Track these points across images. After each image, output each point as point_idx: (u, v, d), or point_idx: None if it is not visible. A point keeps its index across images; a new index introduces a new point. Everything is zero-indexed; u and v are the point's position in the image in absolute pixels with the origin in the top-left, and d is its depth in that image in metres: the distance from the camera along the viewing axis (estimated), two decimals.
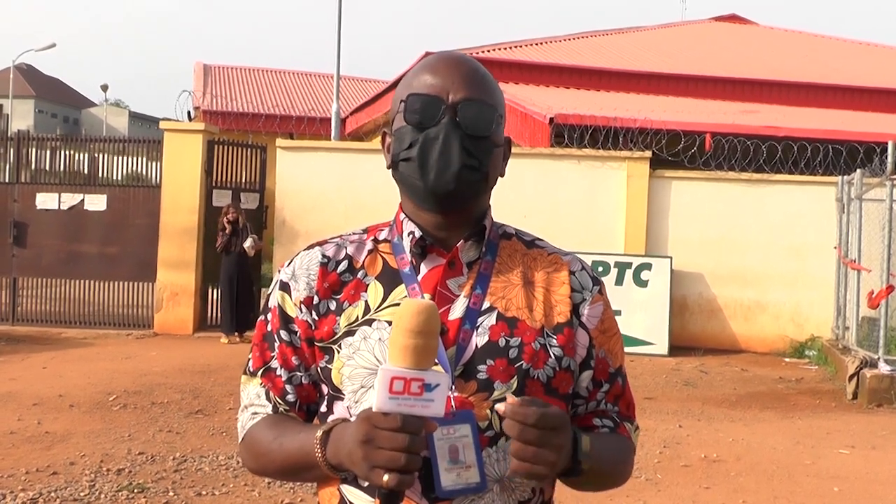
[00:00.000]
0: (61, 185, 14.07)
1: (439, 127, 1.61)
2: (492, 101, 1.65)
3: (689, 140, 13.84)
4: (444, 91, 1.62)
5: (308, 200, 13.93)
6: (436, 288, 1.64)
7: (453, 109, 1.61)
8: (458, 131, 1.61)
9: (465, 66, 1.66)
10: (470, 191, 1.64)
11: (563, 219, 13.54)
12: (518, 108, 16.29)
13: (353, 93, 33.53)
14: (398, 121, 1.67)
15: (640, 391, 10.10)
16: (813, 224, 13.65)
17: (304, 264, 1.71)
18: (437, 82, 1.63)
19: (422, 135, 1.62)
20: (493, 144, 1.66)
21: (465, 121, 1.62)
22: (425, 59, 1.71)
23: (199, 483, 6.39)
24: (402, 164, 1.65)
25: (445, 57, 1.69)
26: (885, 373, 10.11)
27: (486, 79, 1.68)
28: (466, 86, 1.63)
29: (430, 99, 1.62)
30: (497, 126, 1.66)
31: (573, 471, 1.55)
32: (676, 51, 24.35)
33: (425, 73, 1.65)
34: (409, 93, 1.64)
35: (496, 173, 1.70)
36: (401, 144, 1.65)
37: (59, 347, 12.22)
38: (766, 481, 6.90)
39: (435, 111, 1.62)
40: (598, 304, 1.72)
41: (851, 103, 21.89)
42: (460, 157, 1.60)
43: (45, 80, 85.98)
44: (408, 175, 1.64)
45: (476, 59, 1.73)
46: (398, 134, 1.66)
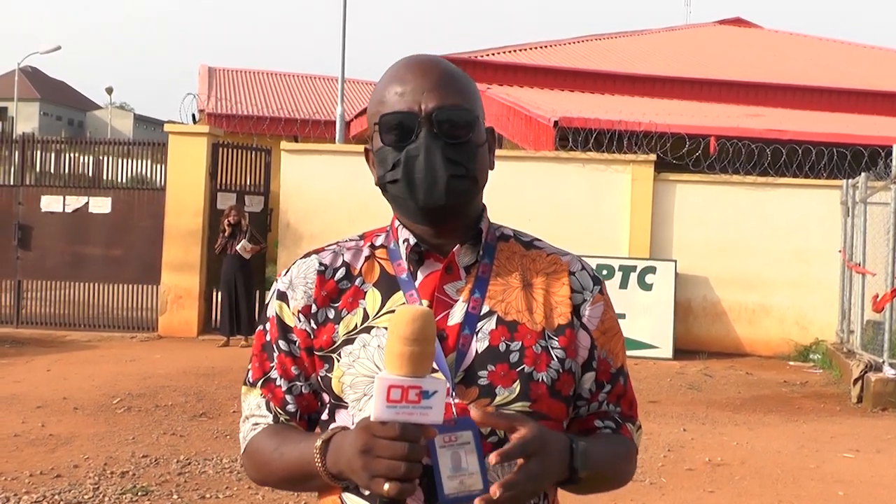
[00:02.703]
0: (66, 188, 14.09)
1: (418, 142, 1.58)
2: (466, 102, 1.62)
3: (693, 143, 13.84)
4: (416, 103, 1.58)
5: (312, 203, 13.93)
6: (433, 293, 1.62)
7: (428, 120, 1.58)
8: (437, 142, 1.58)
9: (434, 70, 1.62)
10: (462, 200, 1.62)
11: (568, 222, 13.53)
12: (522, 111, 16.28)
13: (358, 96, 33.52)
14: (376, 141, 1.64)
15: (645, 395, 10.10)
16: (817, 228, 13.63)
17: (301, 273, 1.69)
18: (408, 93, 1.59)
19: (402, 154, 1.59)
20: (475, 146, 1.63)
21: (443, 129, 1.58)
22: (391, 68, 1.66)
23: (203, 486, 6.39)
24: (389, 185, 1.63)
25: (411, 64, 1.64)
26: (889, 376, 10.09)
27: (457, 79, 1.63)
28: (437, 92, 1.59)
29: (404, 115, 1.58)
30: (476, 126, 1.63)
31: (570, 479, 1.53)
32: (681, 54, 24.34)
33: (394, 84, 1.61)
34: (381, 112, 1.61)
35: (485, 173, 1.67)
36: (384, 166, 1.62)
37: (63, 350, 12.23)
38: (771, 485, 6.89)
39: (410, 126, 1.58)
40: (598, 305, 1.70)
41: (856, 107, 21.85)
42: (445, 168, 1.58)
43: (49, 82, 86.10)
44: (397, 196, 1.62)
45: (480, 62, 1.73)
46: (379, 155, 1.63)
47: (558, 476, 1.50)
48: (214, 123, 22.49)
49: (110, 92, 69.38)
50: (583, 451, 1.53)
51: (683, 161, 13.57)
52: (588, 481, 1.55)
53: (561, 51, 23.84)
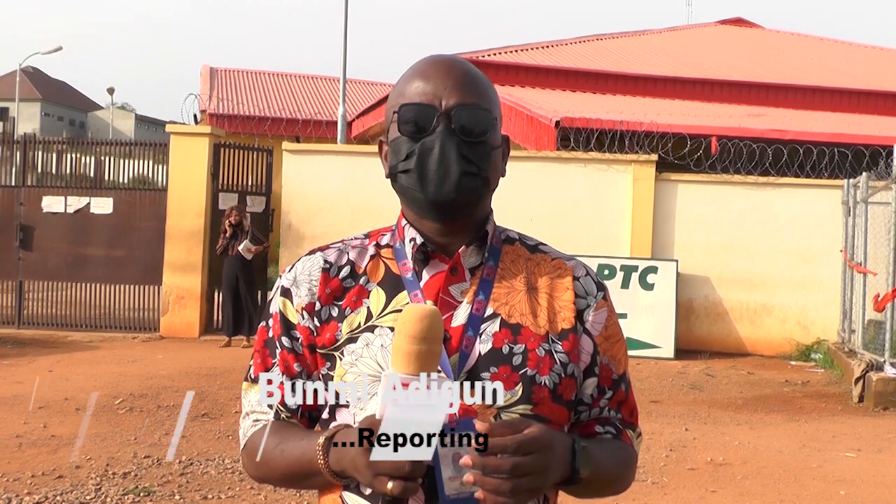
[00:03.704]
0: (67, 189, 14.09)
1: (434, 135, 1.59)
2: (486, 103, 1.63)
3: (695, 143, 13.84)
4: (437, 98, 1.59)
5: (314, 204, 13.94)
6: (438, 294, 1.63)
7: (447, 116, 1.59)
8: (453, 138, 1.59)
9: (456, 69, 1.64)
10: (471, 198, 1.62)
11: (569, 222, 13.54)
12: (524, 111, 16.28)
13: (360, 96, 33.54)
14: (393, 131, 1.64)
15: (647, 394, 10.10)
16: (819, 227, 13.63)
17: (305, 270, 1.69)
18: (429, 89, 1.60)
19: (417, 145, 1.60)
20: (490, 148, 1.64)
21: (460, 126, 1.59)
22: (415, 63, 1.68)
23: (205, 486, 6.40)
24: (400, 175, 1.63)
25: (435, 61, 1.66)
26: (891, 376, 10.09)
27: (479, 80, 1.65)
28: (459, 90, 1.60)
29: (423, 107, 1.59)
30: (493, 128, 1.64)
31: (572, 479, 1.53)
32: (682, 54, 24.33)
33: (416, 79, 1.63)
34: (401, 103, 1.62)
35: (496, 176, 1.68)
36: (397, 156, 1.63)
37: (65, 351, 12.23)
38: (773, 485, 6.89)
39: (429, 119, 1.59)
40: (602, 311, 1.70)
41: (857, 106, 21.85)
42: (459, 164, 1.58)
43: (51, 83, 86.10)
44: (407, 186, 1.63)
45: (482, 62, 1.73)
46: (394, 145, 1.64)
47: (561, 474, 1.50)
48: (216, 124, 22.54)
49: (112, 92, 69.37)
50: (584, 451, 1.53)
51: (685, 161, 13.57)
52: (588, 483, 1.54)
53: (562, 51, 23.84)
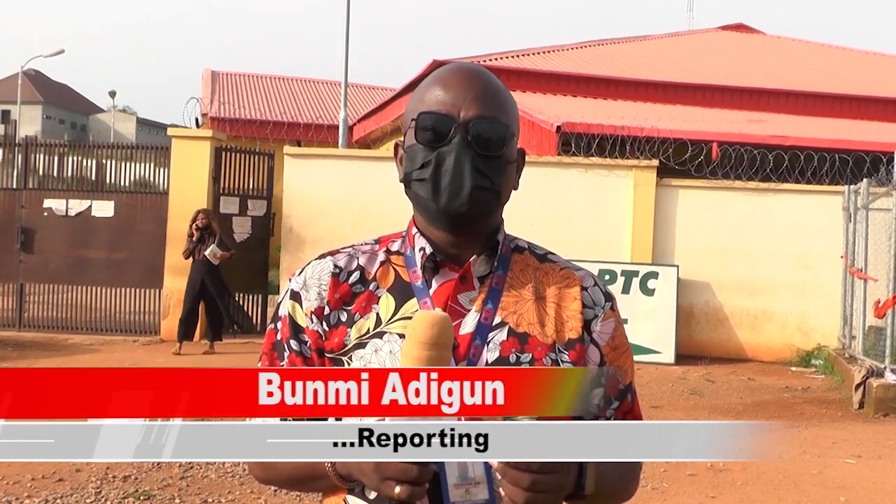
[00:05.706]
0: (69, 192, 14.10)
1: (451, 146, 1.58)
2: (504, 117, 1.62)
3: (696, 149, 13.84)
4: (456, 108, 1.59)
5: (315, 207, 13.94)
6: (447, 303, 1.63)
7: (465, 128, 1.58)
8: (469, 150, 1.58)
9: (478, 80, 1.63)
10: (483, 211, 1.63)
11: (570, 227, 13.53)
12: (525, 116, 16.28)
13: (361, 100, 33.55)
14: (409, 137, 1.64)
15: (647, 400, 10.10)
16: (819, 233, 13.63)
17: (315, 274, 1.69)
18: (449, 98, 1.60)
19: (433, 154, 1.59)
20: (505, 162, 1.63)
21: (477, 139, 1.59)
22: (437, 70, 1.68)
23: (206, 490, 6.40)
24: (414, 183, 1.63)
25: (458, 71, 1.65)
26: (891, 382, 10.08)
27: (500, 94, 1.65)
28: (478, 103, 1.60)
29: (441, 117, 1.59)
30: (509, 143, 1.63)
31: (576, 495, 1.52)
32: (684, 60, 24.34)
33: (437, 87, 1.63)
34: (420, 110, 1.62)
35: (509, 190, 1.68)
36: (413, 163, 1.63)
37: (65, 353, 12.23)
38: (773, 491, 6.89)
39: (446, 130, 1.59)
40: (609, 321, 1.70)
41: (858, 113, 21.86)
42: (472, 177, 1.58)
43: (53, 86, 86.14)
44: (420, 195, 1.63)
45: (483, 66, 1.72)
46: (410, 152, 1.64)
47: (566, 491, 1.50)
48: (217, 127, 22.53)
49: (113, 95, 69.50)
50: (591, 469, 1.52)
51: (686, 166, 13.57)
52: (592, 497, 1.54)
53: (564, 56, 23.86)
